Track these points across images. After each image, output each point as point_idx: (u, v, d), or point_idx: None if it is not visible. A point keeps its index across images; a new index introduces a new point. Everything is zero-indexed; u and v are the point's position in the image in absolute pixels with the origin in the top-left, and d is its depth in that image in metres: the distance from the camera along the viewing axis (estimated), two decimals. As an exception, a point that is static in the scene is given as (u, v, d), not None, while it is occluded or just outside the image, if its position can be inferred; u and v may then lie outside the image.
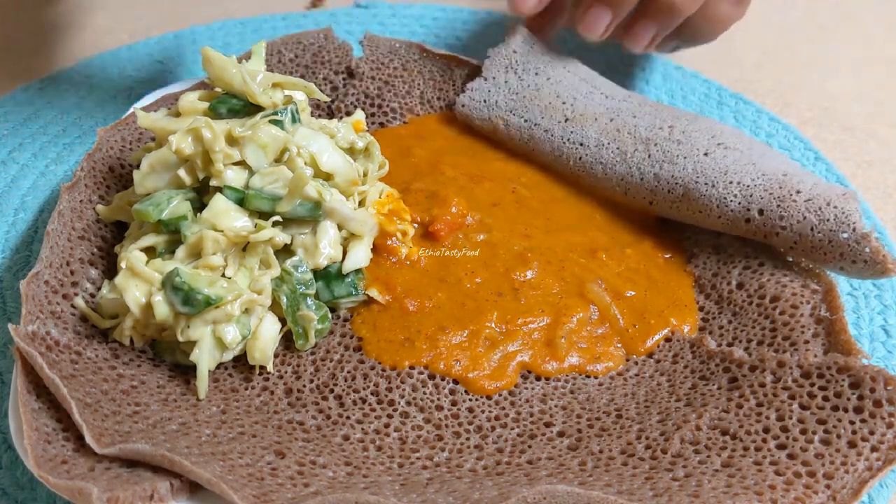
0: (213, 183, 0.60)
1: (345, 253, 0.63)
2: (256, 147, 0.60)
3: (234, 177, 0.60)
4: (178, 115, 0.65)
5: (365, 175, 0.68)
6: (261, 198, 0.60)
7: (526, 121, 0.77)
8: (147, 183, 0.61)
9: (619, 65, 0.98)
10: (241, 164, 0.61)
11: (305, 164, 0.62)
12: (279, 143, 0.61)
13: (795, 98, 0.96)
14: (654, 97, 0.94)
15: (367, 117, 0.81)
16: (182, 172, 0.60)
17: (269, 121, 0.62)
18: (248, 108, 0.64)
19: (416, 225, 0.69)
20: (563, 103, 0.76)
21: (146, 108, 0.71)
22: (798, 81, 0.98)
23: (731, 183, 0.66)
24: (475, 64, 0.83)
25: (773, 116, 0.92)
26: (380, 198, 0.68)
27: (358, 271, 0.64)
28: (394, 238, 0.66)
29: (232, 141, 0.60)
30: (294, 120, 0.64)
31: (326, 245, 0.61)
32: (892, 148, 0.89)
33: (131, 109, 0.73)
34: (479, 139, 0.80)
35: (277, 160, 0.62)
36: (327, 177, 0.63)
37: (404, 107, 0.82)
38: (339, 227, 0.63)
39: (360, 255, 0.64)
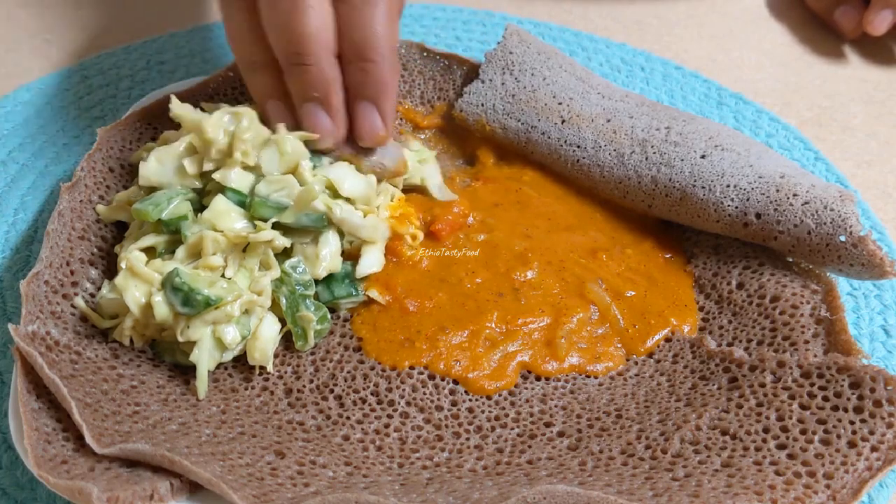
0: (216, 177, 0.60)
1: (357, 257, 0.64)
2: (276, 151, 0.61)
3: (238, 179, 0.60)
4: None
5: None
6: (266, 206, 0.60)
7: (522, 123, 0.76)
8: (151, 175, 0.61)
9: (620, 64, 0.98)
10: (248, 168, 0.61)
11: (325, 188, 0.62)
12: (297, 157, 0.62)
13: (795, 98, 0.96)
14: (654, 97, 0.94)
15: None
16: (187, 162, 0.61)
17: None
18: None
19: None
20: (560, 104, 0.76)
21: (146, 108, 0.71)
22: (798, 81, 0.98)
23: (727, 186, 0.66)
24: (476, 63, 0.82)
25: (773, 116, 0.91)
26: (391, 201, 0.68)
27: (358, 271, 0.64)
28: (404, 241, 0.66)
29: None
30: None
31: (327, 255, 0.62)
32: (892, 148, 0.89)
33: (131, 109, 0.73)
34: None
35: (289, 172, 0.62)
36: (348, 200, 0.64)
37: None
38: (342, 235, 0.63)
39: (372, 260, 0.64)
